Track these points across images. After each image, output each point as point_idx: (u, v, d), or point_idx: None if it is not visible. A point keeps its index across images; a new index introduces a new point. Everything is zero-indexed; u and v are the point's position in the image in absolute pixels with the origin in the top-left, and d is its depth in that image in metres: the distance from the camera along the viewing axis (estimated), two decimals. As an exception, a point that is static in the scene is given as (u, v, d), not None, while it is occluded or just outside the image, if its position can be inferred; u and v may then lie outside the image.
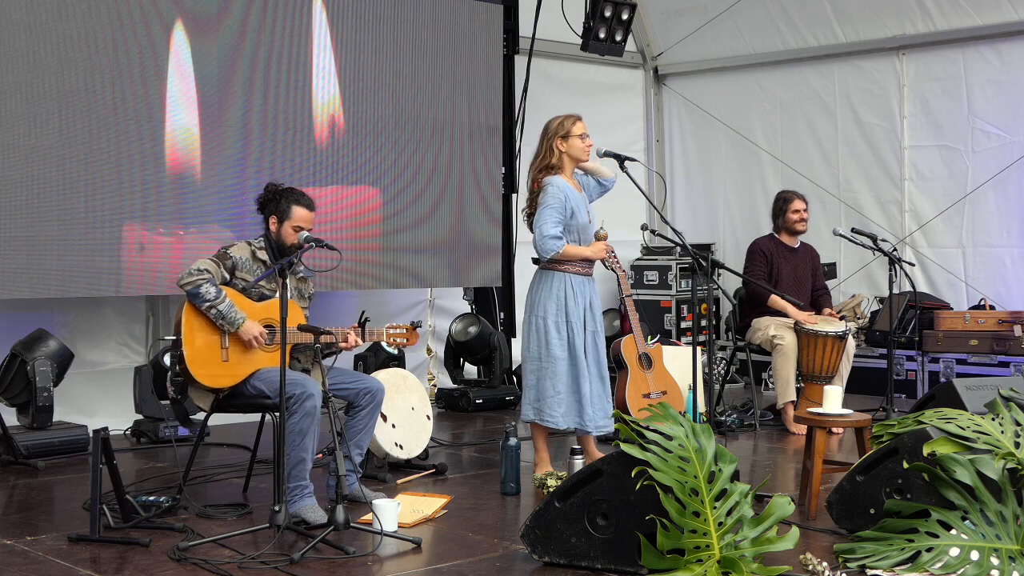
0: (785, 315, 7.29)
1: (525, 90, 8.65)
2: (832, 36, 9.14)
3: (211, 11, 6.81)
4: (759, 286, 7.24)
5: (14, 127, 6.16)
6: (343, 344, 5.10)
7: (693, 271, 8.84)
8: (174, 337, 5.04)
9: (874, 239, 7.04)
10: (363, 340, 5.18)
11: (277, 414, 4.71)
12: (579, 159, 5.72)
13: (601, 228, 5.75)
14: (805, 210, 7.53)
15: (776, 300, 7.26)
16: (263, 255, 5.13)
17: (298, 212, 5.12)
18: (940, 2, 8.50)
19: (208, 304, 4.90)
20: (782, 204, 7.58)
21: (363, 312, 5.34)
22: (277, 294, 5.12)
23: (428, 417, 6.05)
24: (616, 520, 4.12)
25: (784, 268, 7.47)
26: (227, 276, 5.04)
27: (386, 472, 5.74)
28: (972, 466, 4.16)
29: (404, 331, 5.27)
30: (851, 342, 7.25)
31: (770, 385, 8.20)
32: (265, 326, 5.03)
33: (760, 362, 8.21)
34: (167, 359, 6.31)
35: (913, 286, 7.13)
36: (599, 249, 5.74)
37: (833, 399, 5.05)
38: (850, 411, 5.08)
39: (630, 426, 4.14)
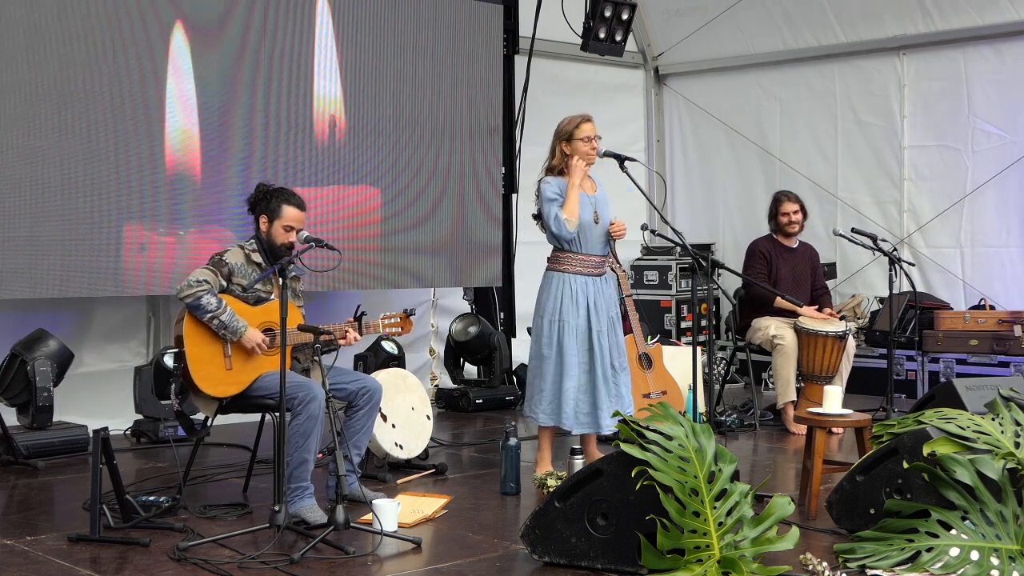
0: (786, 314, 7.29)
1: (525, 90, 8.65)
2: (832, 36, 9.14)
3: (211, 11, 6.81)
4: (763, 288, 7.24)
5: (14, 127, 6.16)
6: (341, 340, 5.10)
7: (693, 271, 8.84)
8: (175, 350, 5.03)
9: (874, 239, 7.04)
10: (360, 334, 5.18)
11: (278, 414, 4.70)
12: (584, 163, 5.68)
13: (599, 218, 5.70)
14: (796, 212, 7.52)
15: (781, 301, 7.26)
16: (257, 257, 5.11)
17: (288, 211, 5.10)
18: (940, 2, 8.50)
19: (210, 315, 4.89)
20: (774, 206, 7.61)
21: (359, 306, 5.33)
22: (274, 295, 5.13)
23: (428, 417, 6.05)
24: (616, 520, 4.12)
25: (783, 268, 7.48)
26: (224, 283, 5.02)
27: (386, 472, 5.74)
28: (972, 466, 4.16)
29: (398, 319, 5.28)
30: (851, 342, 7.26)
31: (770, 385, 8.20)
32: (265, 330, 5.03)
33: (760, 362, 8.21)
34: (168, 359, 6.32)
35: (913, 286, 7.13)
36: (577, 166, 5.61)
37: (833, 399, 5.05)
38: (850, 411, 5.08)
39: (630, 426, 4.14)
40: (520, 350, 8.62)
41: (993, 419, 4.44)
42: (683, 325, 9.38)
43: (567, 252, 5.71)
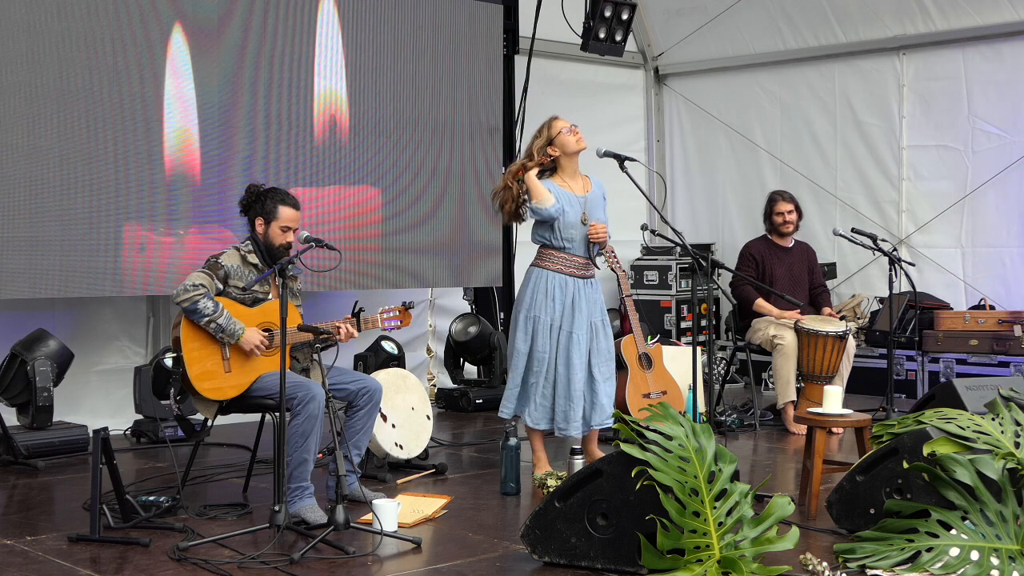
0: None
1: (525, 90, 8.65)
2: (832, 36, 9.14)
3: (211, 11, 6.81)
4: (752, 283, 7.25)
5: (15, 127, 6.16)
6: (340, 337, 5.09)
7: (693, 271, 8.85)
8: (174, 354, 5.03)
9: (874, 239, 7.04)
10: (359, 330, 5.17)
11: (278, 414, 4.70)
12: (576, 151, 5.64)
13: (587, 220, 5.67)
14: (791, 212, 7.52)
15: (761, 304, 7.29)
16: (253, 259, 5.10)
17: (284, 212, 5.09)
18: (940, 2, 8.51)
19: (207, 319, 4.89)
20: (768, 206, 7.61)
21: (356, 302, 5.33)
22: (271, 296, 5.12)
23: (428, 417, 6.05)
24: (616, 520, 4.12)
25: (778, 269, 7.47)
26: (220, 286, 5.01)
27: (386, 472, 5.74)
28: (972, 466, 4.16)
29: (397, 312, 5.27)
30: (851, 342, 7.25)
31: (770, 385, 8.20)
32: (263, 331, 5.03)
33: (760, 362, 8.21)
34: (168, 360, 6.32)
35: (913, 286, 7.12)
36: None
37: (833, 399, 5.05)
38: (850, 411, 5.08)
39: (630, 426, 4.14)
40: (520, 350, 8.62)
41: (993, 419, 4.44)
42: (683, 325, 9.38)
43: (550, 249, 5.70)
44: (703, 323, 8.51)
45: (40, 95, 6.22)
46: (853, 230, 7.22)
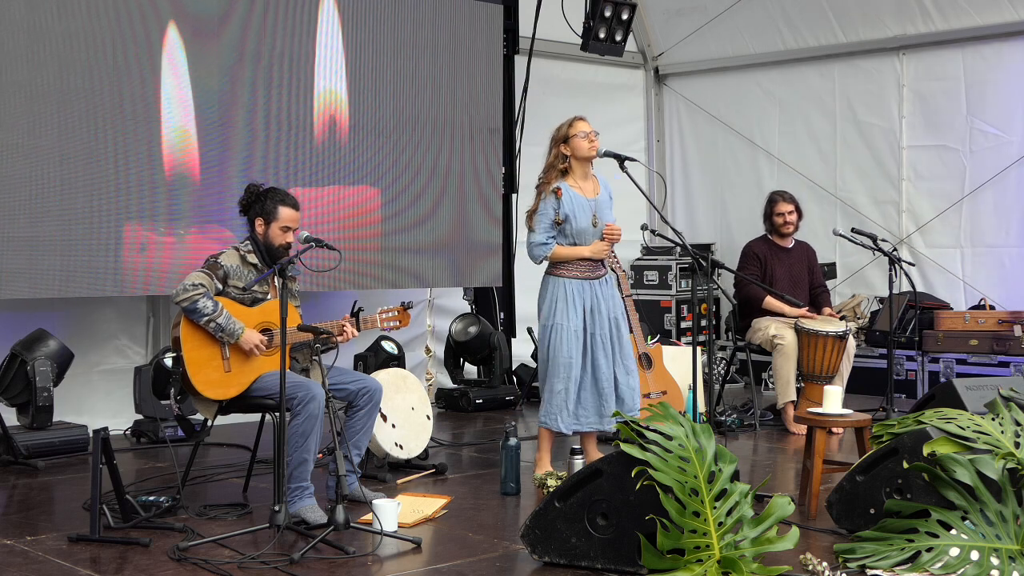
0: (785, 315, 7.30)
1: (525, 90, 8.65)
2: (832, 36, 9.14)
3: (211, 10, 6.81)
4: (756, 284, 7.25)
5: (15, 127, 6.16)
6: (339, 338, 5.09)
7: (693, 271, 8.84)
8: (173, 354, 5.03)
9: (874, 239, 7.04)
10: (358, 330, 5.17)
11: (278, 414, 4.70)
12: (586, 157, 5.69)
13: (597, 222, 5.69)
14: (791, 212, 7.51)
15: (771, 302, 7.29)
16: (253, 259, 5.10)
17: (284, 212, 5.10)
18: (940, 2, 8.51)
19: (207, 319, 4.89)
20: (768, 206, 7.61)
21: (356, 302, 5.33)
22: (270, 296, 5.12)
23: (428, 417, 6.05)
24: (616, 520, 4.12)
25: (778, 269, 7.47)
26: (220, 286, 5.01)
27: (386, 472, 5.74)
28: (972, 466, 4.17)
29: (396, 313, 5.28)
30: (851, 342, 7.25)
31: (770, 385, 8.20)
32: (262, 330, 5.03)
33: (760, 362, 8.21)
34: (168, 360, 6.32)
35: (913, 286, 7.12)
36: (598, 249, 5.69)
37: (833, 399, 5.05)
38: (850, 411, 5.08)
39: (630, 426, 4.14)
40: (520, 350, 8.62)
41: (993, 419, 4.44)
42: (683, 325, 9.38)
43: None
44: (703, 323, 8.52)
45: (40, 95, 6.22)
46: (853, 230, 7.22)
